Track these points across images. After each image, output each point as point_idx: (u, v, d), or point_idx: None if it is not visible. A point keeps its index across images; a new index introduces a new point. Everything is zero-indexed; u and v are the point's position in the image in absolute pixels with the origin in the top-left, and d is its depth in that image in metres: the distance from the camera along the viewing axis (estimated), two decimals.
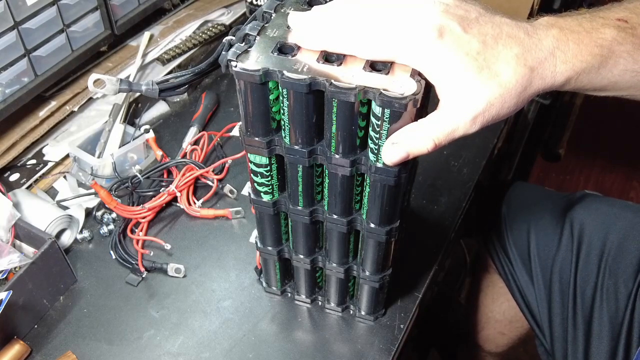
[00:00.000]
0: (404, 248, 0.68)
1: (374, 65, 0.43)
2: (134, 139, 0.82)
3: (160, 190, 0.78)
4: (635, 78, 0.45)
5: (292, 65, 0.43)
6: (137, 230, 0.75)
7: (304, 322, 0.67)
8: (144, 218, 0.76)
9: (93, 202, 0.79)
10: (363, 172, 0.49)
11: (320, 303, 0.68)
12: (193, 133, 0.87)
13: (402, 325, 0.66)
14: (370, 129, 0.44)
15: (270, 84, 0.44)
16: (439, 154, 0.86)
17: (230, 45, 0.45)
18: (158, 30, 1.01)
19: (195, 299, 0.69)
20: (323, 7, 0.45)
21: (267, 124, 0.48)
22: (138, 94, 0.91)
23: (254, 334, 0.66)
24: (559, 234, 0.86)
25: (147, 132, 0.83)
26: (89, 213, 0.77)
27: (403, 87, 0.41)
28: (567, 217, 0.86)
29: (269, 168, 0.52)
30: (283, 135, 0.48)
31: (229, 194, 0.81)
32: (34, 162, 0.83)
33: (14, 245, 0.68)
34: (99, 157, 0.80)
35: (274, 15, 0.48)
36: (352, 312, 0.67)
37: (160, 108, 0.94)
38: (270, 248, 0.62)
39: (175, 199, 0.78)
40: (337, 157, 0.47)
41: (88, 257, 0.74)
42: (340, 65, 0.43)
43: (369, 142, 0.46)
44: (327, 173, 0.50)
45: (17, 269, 0.65)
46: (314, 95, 0.44)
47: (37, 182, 0.81)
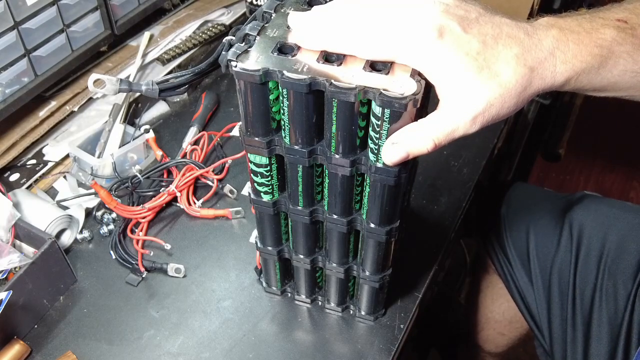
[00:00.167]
0: (404, 248, 0.68)
1: (374, 65, 0.43)
2: (134, 139, 0.82)
3: (160, 190, 0.78)
4: (635, 79, 0.45)
5: (292, 65, 0.43)
6: (137, 230, 0.75)
7: (304, 322, 0.67)
8: (144, 218, 0.76)
9: (93, 202, 0.79)
10: (363, 172, 0.49)
11: (320, 303, 0.68)
12: (193, 133, 0.87)
13: (402, 325, 0.66)
14: (370, 129, 0.44)
15: (270, 84, 0.44)
16: (439, 154, 0.86)
17: (230, 45, 0.45)
18: (158, 30, 1.01)
19: (195, 299, 0.69)
20: (323, 7, 0.45)
21: (267, 124, 0.48)
22: (138, 94, 0.91)
23: (254, 334, 0.66)
24: (558, 235, 0.86)
25: (147, 132, 0.83)
26: (89, 213, 0.77)
27: (403, 87, 0.41)
28: (566, 218, 0.86)
29: (269, 168, 0.52)
30: (283, 135, 0.48)
31: (229, 194, 0.81)
32: (34, 162, 0.83)
33: (14, 245, 0.68)
34: (99, 157, 0.80)
35: (274, 15, 0.48)
36: (352, 312, 0.67)
37: (160, 108, 0.94)
38: (270, 248, 0.62)
39: (175, 199, 0.78)
40: (337, 157, 0.47)
41: (88, 257, 0.74)
42: (340, 65, 0.43)
43: (369, 142, 0.46)
44: (327, 173, 0.50)
45: (17, 269, 0.65)
46: (314, 95, 0.44)
47: (37, 182, 0.81)
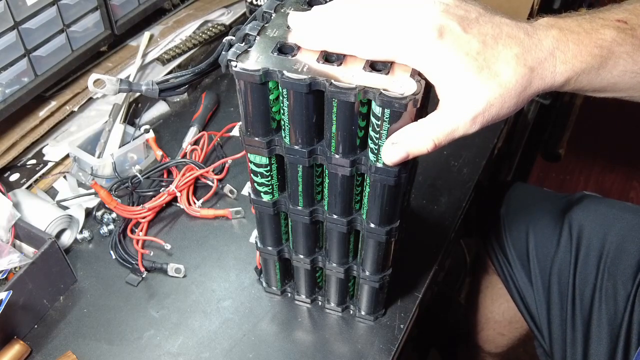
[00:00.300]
0: (404, 248, 0.68)
1: (374, 65, 0.43)
2: (134, 139, 0.82)
3: (160, 190, 0.78)
4: (635, 79, 0.45)
5: (292, 65, 0.43)
6: (137, 230, 0.75)
7: (304, 322, 0.67)
8: (144, 218, 0.76)
9: (93, 202, 0.79)
10: (363, 172, 0.49)
11: (320, 303, 0.68)
12: (193, 133, 0.87)
13: (402, 325, 0.66)
14: (370, 129, 0.44)
15: (270, 84, 0.44)
16: (439, 154, 0.86)
17: (230, 45, 0.45)
18: (158, 30, 1.01)
19: (195, 299, 0.69)
20: (323, 7, 0.45)
21: (267, 124, 0.48)
22: (138, 94, 0.91)
23: (254, 334, 0.66)
24: (558, 235, 0.86)
25: (147, 132, 0.83)
26: (89, 213, 0.77)
27: (403, 87, 0.41)
28: (565, 218, 0.86)
29: (269, 168, 0.52)
30: (283, 135, 0.48)
31: (229, 194, 0.81)
32: (34, 162, 0.83)
33: (14, 245, 0.68)
34: (99, 157, 0.80)
35: (274, 15, 0.48)
36: (352, 312, 0.67)
37: (160, 108, 0.94)
38: (270, 248, 0.62)
39: (175, 199, 0.78)
40: (337, 157, 0.47)
41: (88, 257, 0.74)
42: (340, 65, 0.43)
43: (369, 142, 0.46)
44: (327, 173, 0.50)
45: (17, 269, 0.65)
46: (314, 95, 0.44)
47: (37, 182, 0.81)
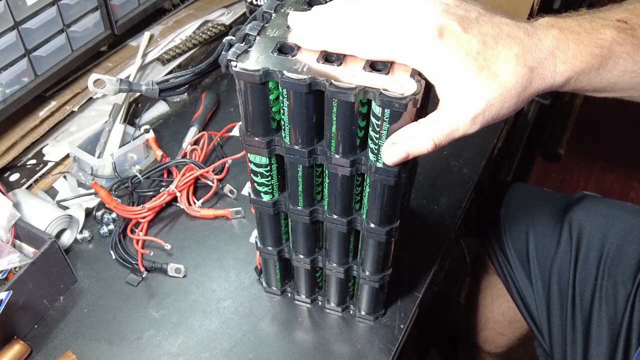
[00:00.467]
0: (404, 248, 0.68)
1: (374, 65, 0.43)
2: (134, 139, 0.82)
3: (160, 190, 0.78)
4: (635, 79, 0.45)
5: (292, 65, 0.43)
6: (137, 230, 0.75)
7: (304, 322, 0.67)
8: (144, 218, 0.76)
9: (93, 202, 0.79)
10: (363, 172, 0.49)
11: (320, 303, 0.68)
12: (193, 133, 0.87)
13: (402, 325, 0.66)
14: (370, 129, 0.44)
15: (270, 84, 0.44)
16: (439, 154, 0.86)
17: (230, 45, 0.45)
18: (158, 30, 1.01)
19: (195, 299, 0.69)
20: (323, 7, 0.45)
21: (267, 124, 0.48)
22: (138, 94, 0.91)
23: (254, 334, 0.66)
24: (558, 235, 0.86)
25: (147, 132, 0.83)
26: (89, 213, 0.77)
27: (403, 87, 0.41)
28: (565, 218, 0.86)
29: (269, 168, 0.52)
30: (283, 135, 0.48)
31: (229, 194, 0.81)
32: (34, 162, 0.83)
33: (14, 245, 0.68)
34: (99, 157, 0.80)
35: (274, 15, 0.48)
36: (352, 312, 0.67)
37: (160, 108, 0.94)
38: (270, 248, 0.62)
39: (175, 199, 0.78)
40: (337, 157, 0.47)
41: (88, 257, 0.74)
42: (340, 65, 0.43)
43: (369, 142, 0.46)
44: (327, 173, 0.50)
45: (17, 269, 0.65)
46: (314, 95, 0.44)
47: (37, 182, 0.81)
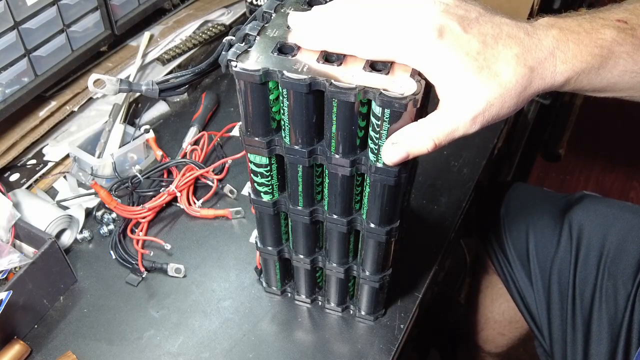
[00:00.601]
0: (404, 248, 0.68)
1: (374, 65, 0.43)
2: (134, 139, 0.82)
3: (160, 190, 0.78)
4: (635, 79, 0.45)
5: (292, 65, 0.43)
6: (137, 230, 0.75)
7: (304, 322, 0.67)
8: (144, 218, 0.76)
9: (93, 202, 0.79)
10: (363, 172, 0.49)
11: (320, 303, 0.68)
12: (193, 133, 0.87)
13: (402, 325, 0.66)
14: (370, 129, 0.44)
15: (270, 84, 0.44)
16: (439, 154, 0.86)
17: (230, 45, 0.45)
18: (158, 30, 1.01)
19: (195, 299, 0.69)
20: (323, 7, 0.45)
21: (267, 124, 0.48)
22: (138, 94, 0.91)
23: (254, 334, 0.66)
24: (558, 235, 0.86)
25: (147, 132, 0.83)
26: (89, 213, 0.77)
27: (403, 87, 0.41)
28: (565, 218, 0.86)
29: (269, 168, 0.52)
30: (283, 135, 0.48)
31: (229, 194, 0.81)
32: (34, 162, 0.83)
33: (14, 245, 0.68)
34: (99, 157, 0.80)
35: (274, 15, 0.48)
36: (352, 312, 0.67)
37: (160, 108, 0.94)
38: (270, 248, 0.62)
39: (175, 199, 0.78)
40: (337, 157, 0.47)
41: (88, 257, 0.74)
42: (340, 65, 0.43)
43: (369, 142, 0.46)
44: (327, 173, 0.50)
45: (17, 269, 0.65)
46: (314, 95, 0.44)
47: (37, 182, 0.81)
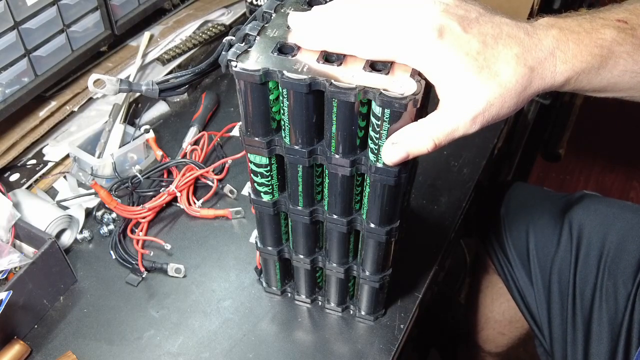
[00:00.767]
0: (404, 248, 0.68)
1: (374, 65, 0.43)
2: (134, 139, 0.82)
3: (160, 190, 0.78)
4: (635, 79, 0.45)
5: (292, 65, 0.43)
6: (137, 230, 0.75)
7: (304, 322, 0.67)
8: (144, 218, 0.76)
9: (93, 202, 0.79)
10: (363, 172, 0.49)
11: (320, 303, 0.68)
12: (193, 133, 0.87)
13: (402, 325, 0.66)
14: (370, 129, 0.44)
15: (270, 84, 0.44)
16: (439, 154, 0.86)
17: (230, 45, 0.45)
18: (158, 30, 1.01)
19: (195, 299, 0.69)
20: (323, 7, 0.45)
21: (267, 124, 0.48)
22: (138, 94, 0.91)
23: (254, 334, 0.66)
24: (558, 235, 0.86)
25: (147, 132, 0.83)
26: (89, 213, 0.77)
27: (403, 87, 0.41)
28: (566, 217, 0.86)
29: (269, 168, 0.52)
30: (283, 135, 0.48)
31: (229, 194, 0.81)
32: (34, 162, 0.83)
33: (14, 245, 0.68)
34: (99, 157, 0.80)
35: (274, 15, 0.48)
36: (352, 312, 0.67)
37: (160, 108, 0.94)
38: (270, 248, 0.62)
39: (175, 199, 0.78)
40: (337, 157, 0.47)
41: (88, 257, 0.74)
42: (340, 65, 0.43)
43: (369, 142, 0.46)
44: (327, 173, 0.50)
45: (17, 269, 0.65)
46: (314, 95, 0.44)
47: (37, 182, 0.81)
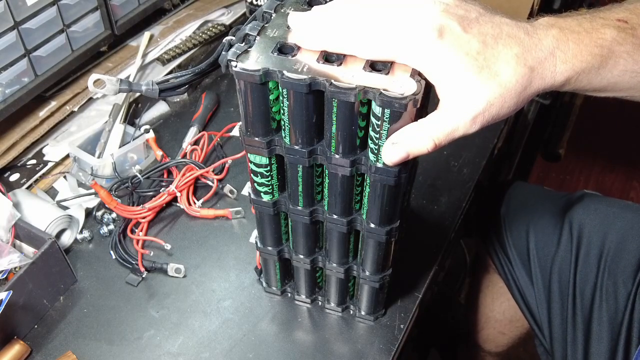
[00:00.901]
0: (404, 248, 0.68)
1: (374, 65, 0.43)
2: (134, 139, 0.82)
3: (160, 190, 0.78)
4: (635, 79, 0.45)
5: (292, 65, 0.43)
6: (137, 230, 0.75)
7: (304, 322, 0.67)
8: (144, 218, 0.76)
9: (93, 202, 0.79)
10: (363, 172, 0.49)
11: (320, 303, 0.68)
12: (193, 133, 0.87)
13: (402, 325, 0.66)
14: (370, 129, 0.44)
15: (270, 84, 0.44)
16: (439, 154, 0.86)
17: (230, 45, 0.45)
18: (158, 30, 1.01)
19: (195, 299, 0.69)
20: (323, 7, 0.45)
21: (267, 124, 0.48)
22: (138, 94, 0.91)
23: (254, 334, 0.66)
24: (558, 234, 0.86)
25: (147, 132, 0.83)
26: (89, 213, 0.77)
27: (403, 87, 0.41)
28: (566, 217, 0.86)
29: (269, 168, 0.52)
30: (283, 135, 0.48)
31: (229, 194, 0.81)
32: (34, 162, 0.83)
33: (14, 245, 0.68)
34: (99, 157, 0.80)
35: (274, 15, 0.48)
36: (352, 312, 0.67)
37: (160, 108, 0.94)
38: (270, 248, 0.62)
39: (175, 199, 0.78)
40: (337, 157, 0.47)
41: (88, 257, 0.74)
42: (340, 65, 0.43)
43: (369, 142, 0.46)
44: (327, 173, 0.50)
45: (17, 269, 0.65)
46: (314, 95, 0.44)
47: (37, 182, 0.81)
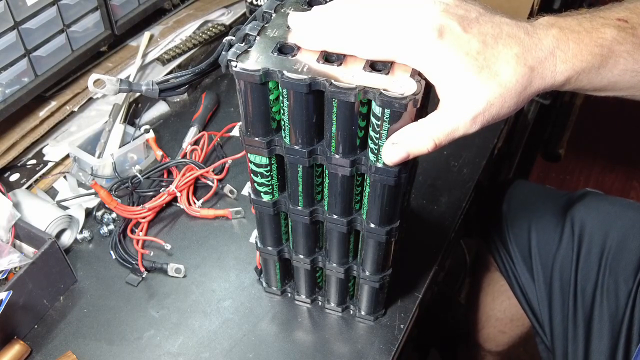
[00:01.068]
0: (404, 248, 0.68)
1: (374, 65, 0.43)
2: (134, 139, 0.82)
3: (160, 190, 0.78)
4: (635, 78, 0.45)
5: (292, 65, 0.43)
6: (137, 230, 0.75)
7: (304, 322, 0.67)
8: (144, 218, 0.76)
9: (93, 202, 0.79)
10: (363, 172, 0.49)
11: (320, 303, 0.68)
12: (193, 133, 0.87)
13: (402, 325, 0.66)
14: (370, 129, 0.44)
15: (270, 84, 0.44)
16: (439, 154, 0.86)
17: (230, 45, 0.45)
18: (158, 30, 1.01)
19: (195, 299, 0.69)
20: (323, 7, 0.45)
21: (267, 124, 0.48)
22: (138, 94, 0.91)
23: (254, 334, 0.66)
24: (560, 232, 0.86)
25: (147, 132, 0.83)
26: (89, 213, 0.77)
27: (403, 87, 0.41)
28: (567, 215, 0.86)
29: (269, 168, 0.52)
30: (283, 135, 0.48)
31: (229, 194, 0.81)
32: (34, 162, 0.83)
33: (14, 245, 0.68)
34: (99, 157, 0.80)
35: (274, 15, 0.48)
36: (352, 312, 0.67)
37: (160, 108, 0.94)
38: (270, 248, 0.62)
39: (175, 199, 0.78)
40: (337, 157, 0.47)
41: (88, 257, 0.74)
42: (340, 65, 0.43)
43: (369, 142, 0.46)
44: (327, 173, 0.50)
45: (17, 269, 0.65)
46: (314, 95, 0.44)
47: (37, 182, 0.81)
